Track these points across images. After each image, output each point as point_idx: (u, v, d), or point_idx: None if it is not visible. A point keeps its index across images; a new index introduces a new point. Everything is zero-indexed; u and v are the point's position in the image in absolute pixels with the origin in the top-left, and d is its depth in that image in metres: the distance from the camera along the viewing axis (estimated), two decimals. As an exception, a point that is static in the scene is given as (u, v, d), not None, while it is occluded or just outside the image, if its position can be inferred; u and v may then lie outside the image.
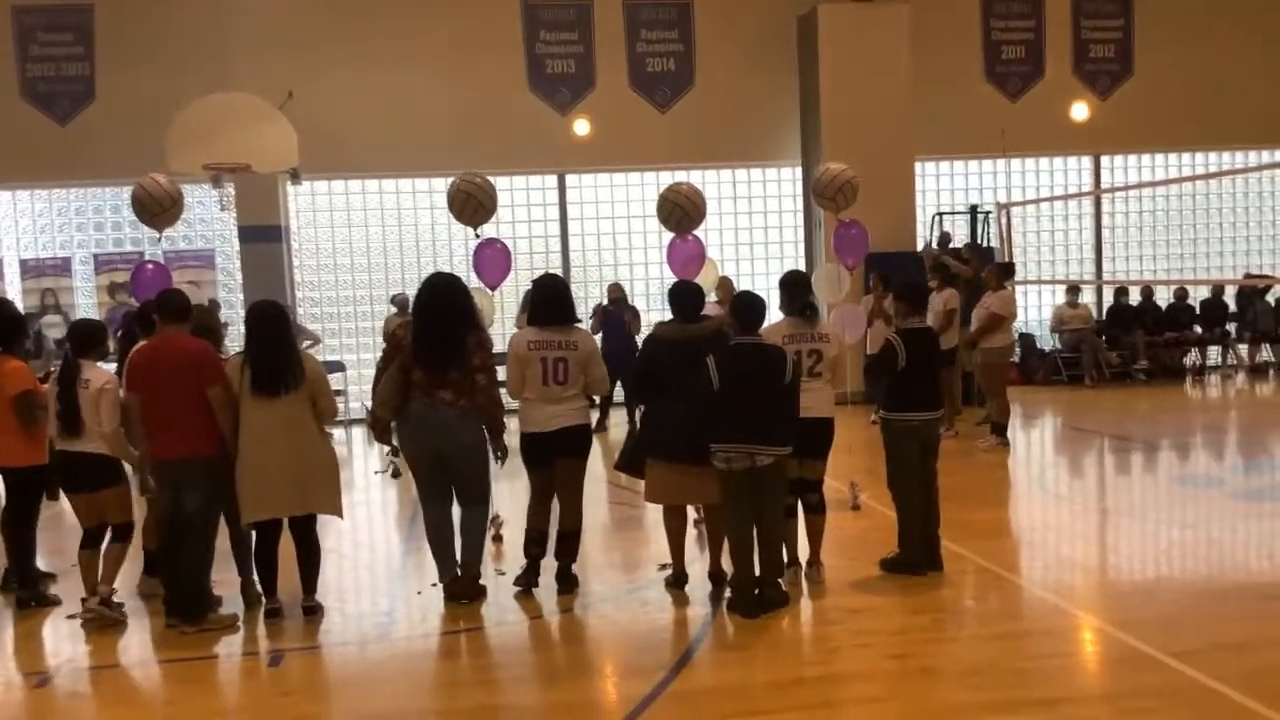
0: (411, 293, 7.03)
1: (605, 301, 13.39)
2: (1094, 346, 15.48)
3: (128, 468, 6.53)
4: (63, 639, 6.27)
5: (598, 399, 9.43)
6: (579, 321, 6.71)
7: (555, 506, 6.61)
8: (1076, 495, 9.52)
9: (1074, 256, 16.81)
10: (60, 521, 8.71)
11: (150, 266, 8.67)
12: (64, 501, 8.82)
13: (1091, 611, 6.05)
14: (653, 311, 14.45)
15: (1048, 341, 16.13)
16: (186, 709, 5.27)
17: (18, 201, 14.54)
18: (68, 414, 6.28)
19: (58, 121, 14.16)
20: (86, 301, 14.44)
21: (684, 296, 6.46)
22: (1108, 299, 16.43)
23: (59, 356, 11.02)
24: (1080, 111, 16.11)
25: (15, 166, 13.95)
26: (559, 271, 14.34)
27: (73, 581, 7.22)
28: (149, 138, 11.97)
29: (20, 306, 11.24)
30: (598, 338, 9.87)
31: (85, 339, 6.50)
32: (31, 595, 6.75)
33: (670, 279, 7.51)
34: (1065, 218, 16.75)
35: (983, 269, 11.99)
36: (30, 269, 14.36)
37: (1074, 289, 15.86)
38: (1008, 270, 11.90)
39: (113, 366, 6.99)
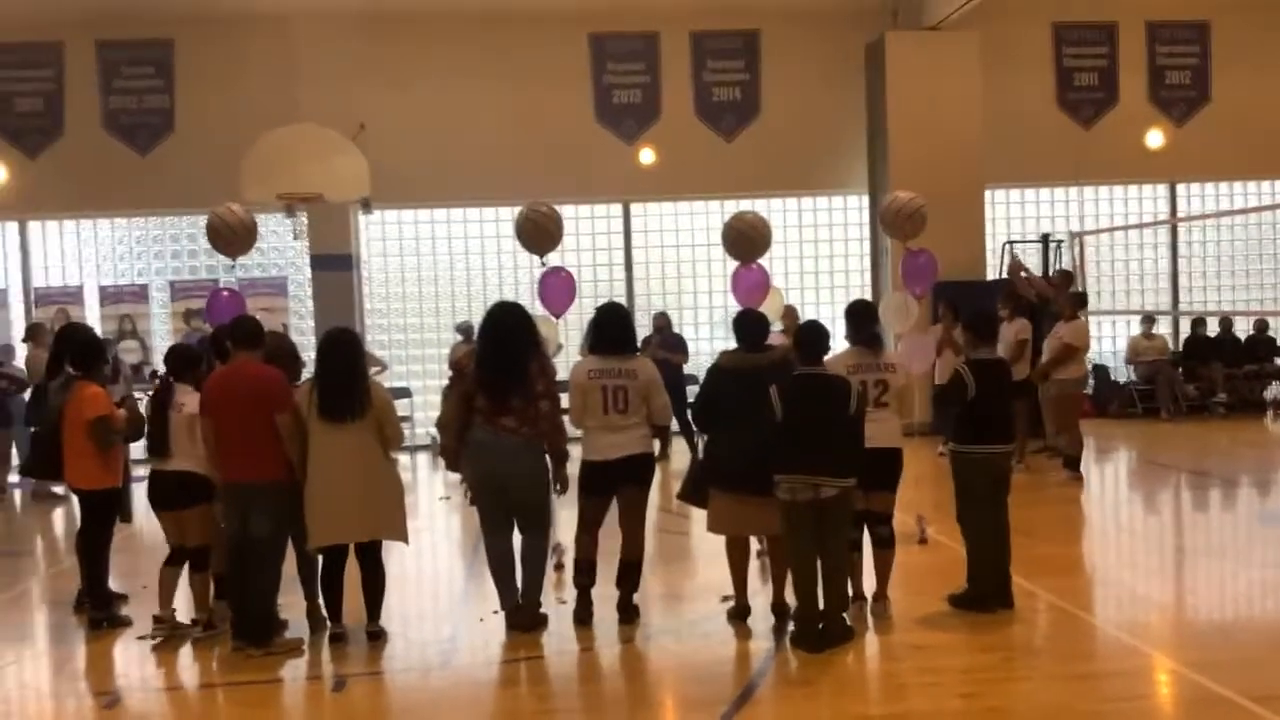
0: (477, 320, 7.08)
1: (651, 332, 13.37)
2: (1170, 379, 15.11)
3: None
4: (133, 660, 6.35)
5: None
6: (639, 350, 6.69)
7: (605, 536, 6.56)
8: (1152, 532, 9.28)
9: (1149, 286, 16.44)
10: (133, 544, 8.91)
11: (225, 293, 8.86)
12: (136, 523, 9.06)
13: (1167, 653, 5.87)
14: (715, 340, 14.45)
15: (1122, 373, 15.78)
16: (252, 732, 5.33)
17: (98, 229, 14.96)
18: (158, 436, 6.43)
19: (138, 152, 14.56)
20: (162, 328, 14.78)
21: (749, 325, 6.43)
22: (1184, 330, 16.06)
23: (136, 381, 11.33)
24: (1155, 139, 15.82)
25: (97, 196, 14.37)
26: (622, 300, 14.39)
27: (144, 603, 7.36)
28: (225, 168, 12.26)
29: (99, 332, 11.56)
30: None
31: (182, 362, 6.63)
32: (104, 616, 6.86)
33: (735, 308, 7.49)
34: (1140, 247, 16.41)
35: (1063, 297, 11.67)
36: (109, 295, 14.75)
37: (1149, 319, 15.52)
38: (1081, 300, 11.67)
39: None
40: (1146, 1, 15.68)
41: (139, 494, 7.79)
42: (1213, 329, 15.69)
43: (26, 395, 12.11)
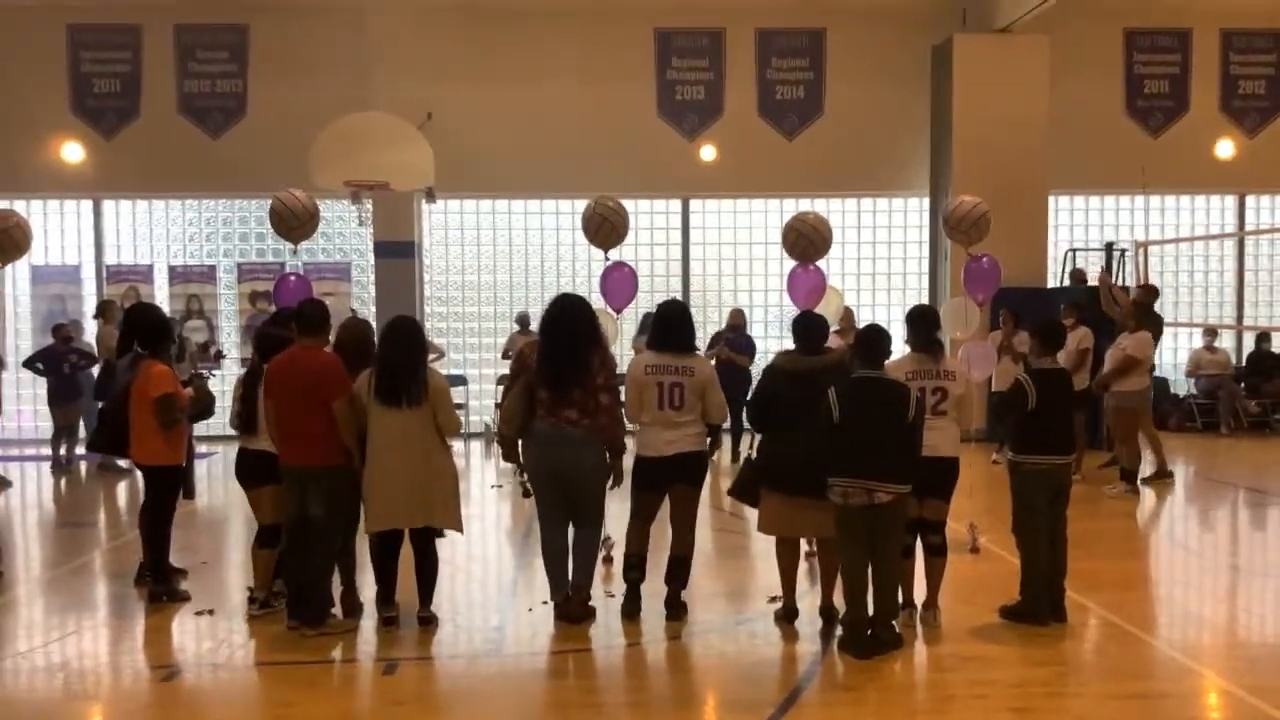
0: (536, 312, 7.14)
1: (725, 328, 13.35)
2: (1232, 393, 14.83)
3: None
4: (190, 634, 6.50)
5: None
6: (697, 348, 6.71)
7: (656, 531, 6.61)
8: (1207, 549, 9.12)
9: (1214, 299, 16.18)
10: (193, 520, 9.11)
11: (293, 278, 9.00)
12: (198, 500, 9.26)
13: (1222, 674, 5.78)
14: (770, 339, 14.42)
15: (1183, 386, 15.52)
16: (305, 711, 5.42)
17: (169, 210, 15.28)
18: (247, 414, 6.59)
19: (210, 135, 14.85)
20: (228, 308, 15.09)
21: (807, 327, 6.42)
22: (1248, 344, 15.75)
23: (201, 360, 11.56)
24: (1226, 149, 15.54)
25: (169, 177, 14.67)
26: (679, 296, 14.41)
27: (203, 579, 7.55)
28: (294, 153, 12.47)
29: (166, 310, 11.82)
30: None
31: (274, 346, 6.74)
32: (164, 590, 7.03)
33: (789, 307, 7.46)
34: (1206, 258, 16.15)
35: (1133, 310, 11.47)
36: (178, 275, 15.07)
37: (1212, 332, 15.26)
38: (1148, 312, 11.46)
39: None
40: (1223, 9, 15.38)
41: (201, 471, 7.98)
42: (1277, 344, 15.38)
43: (95, 370, 12.43)
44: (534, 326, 7.12)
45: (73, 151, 14.60)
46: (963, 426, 6.57)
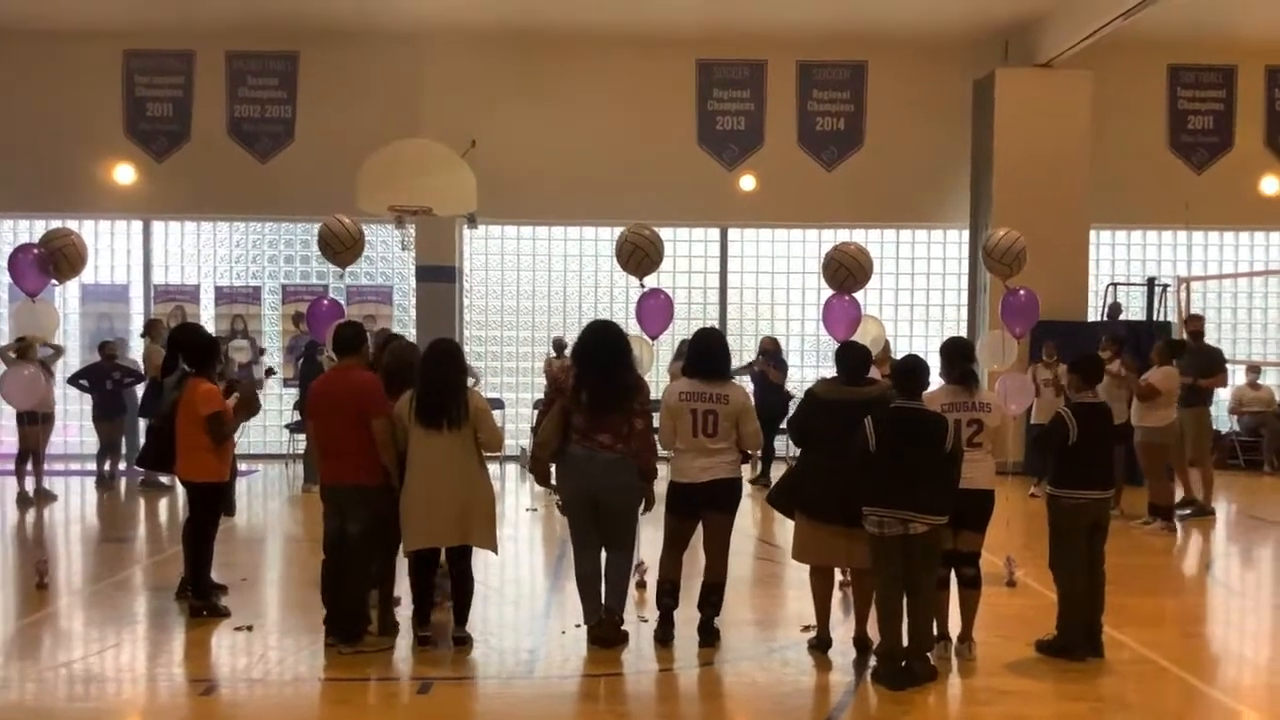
0: (572, 337, 7.21)
1: (759, 354, 13.39)
2: (1275, 431, 14.63)
3: None
4: (228, 650, 6.58)
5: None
6: (733, 376, 6.73)
7: (688, 558, 6.62)
8: (1249, 589, 8.99)
9: (1257, 335, 15.99)
10: (232, 536, 9.22)
11: (325, 302, 9.18)
12: (238, 518, 9.38)
13: (1261, 712, 5.71)
14: (806, 368, 14.43)
15: (1225, 424, 15.33)
16: (339, 728, 5.50)
17: (217, 231, 15.55)
18: None
19: (259, 159, 15.11)
20: (272, 329, 15.30)
21: (850, 358, 6.42)
22: (1292, 383, 15.54)
23: (241, 378, 11.72)
24: (1271, 185, 15.39)
25: (217, 199, 14.95)
26: (716, 324, 14.47)
27: (242, 595, 7.64)
28: (340, 178, 12.67)
29: (212, 330, 12.01)
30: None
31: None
32: (205, 605, 7.12)
33: (825, 337, 7.47)
34: (1250, 295, 15.97)
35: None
36: (224, 295, 15.31)
37: (1255, 370, 15.06)
38: (1177, 349, 11.34)
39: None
40: (1268, 45, 15.26)
41: (241, 488, 8.09)
42: (1324, 383, 15.17)
43: (139, 387, 12.65)
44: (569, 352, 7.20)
45: (125, 173, 14.92)
46: (998, 459, 6.55)
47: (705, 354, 6.63)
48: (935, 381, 6.42)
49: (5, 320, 14.20)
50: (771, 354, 13.23)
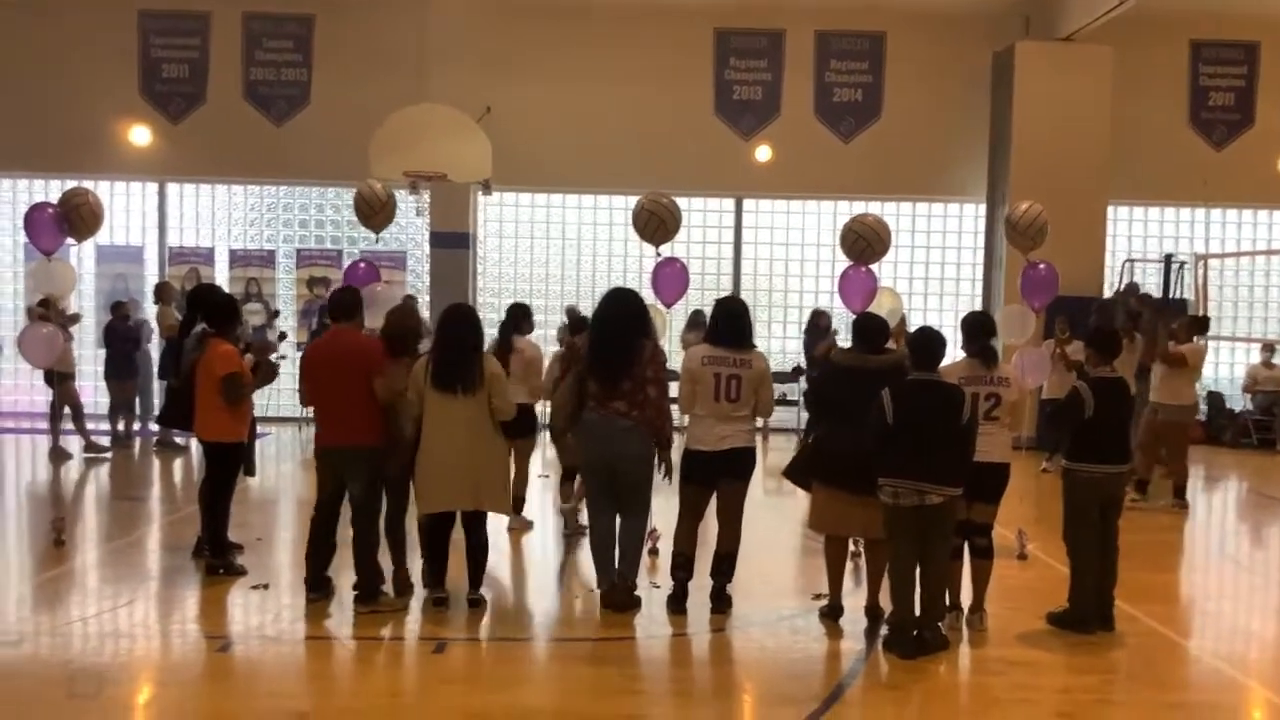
0: (587, 305, 7.21)
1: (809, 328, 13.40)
2: (1289, 411, 14.59)
3: None
4: (244, 608, 6.64)
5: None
6: (755, 346, 6.74)
7: (704, 527, 6.65)
8: (1258, 565, 9.01)
9: (1273, 314, 15.92)
10: (246, 497, 9.28)
11: (362, 265, 9.31)
12: (258, 477, 9.43)
13: (1269, 687, 5.73)
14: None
15: (1238, 402, 15.29)
16: (356, 686, 5.55)
17: (232, 195, 15.55)
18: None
19: (274, 123, 15.07)
20: (287, 293, 15.32)
21: (868, 327, 6.44)
22: (1308, 361, 15.47)
23: (257, 340, 11.76)
24: (1291, 163, 15.27)
25: (232, 162, 14.93)
26: (730, 293, 14.44)
27: (258, 554, 7.71)
28: (355, 143, 12.62)
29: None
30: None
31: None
32: (221, 564, 7.20)
33: (840, 309, 7.47)
34: (1267, 273, 15.88)
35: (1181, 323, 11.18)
36: (238, 259, 15.33)
37: (1270, 348, 15.00)
38: (1201, 325, 11.30)
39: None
40: (1293, 21, 15.13)
41: (259, 450, 8.15)
42: (1339, 363, 15.10)
43: (151, 348, 12.74)
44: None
45: (140, 134, 14.89)
46: (1014, 433, 6.55)
47: (730, 321, 6.60)
48: (954, 354, 6.42)
49: (22, 279, 14.26)
50: (823, 330, 13.23)
